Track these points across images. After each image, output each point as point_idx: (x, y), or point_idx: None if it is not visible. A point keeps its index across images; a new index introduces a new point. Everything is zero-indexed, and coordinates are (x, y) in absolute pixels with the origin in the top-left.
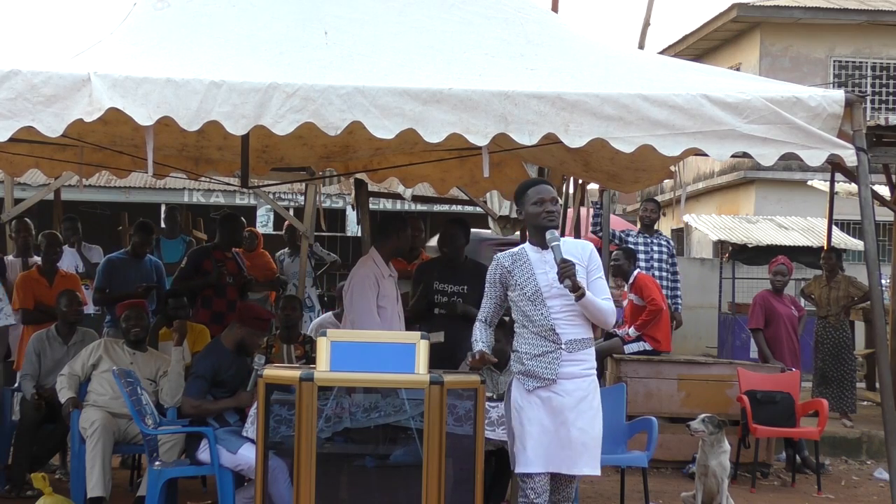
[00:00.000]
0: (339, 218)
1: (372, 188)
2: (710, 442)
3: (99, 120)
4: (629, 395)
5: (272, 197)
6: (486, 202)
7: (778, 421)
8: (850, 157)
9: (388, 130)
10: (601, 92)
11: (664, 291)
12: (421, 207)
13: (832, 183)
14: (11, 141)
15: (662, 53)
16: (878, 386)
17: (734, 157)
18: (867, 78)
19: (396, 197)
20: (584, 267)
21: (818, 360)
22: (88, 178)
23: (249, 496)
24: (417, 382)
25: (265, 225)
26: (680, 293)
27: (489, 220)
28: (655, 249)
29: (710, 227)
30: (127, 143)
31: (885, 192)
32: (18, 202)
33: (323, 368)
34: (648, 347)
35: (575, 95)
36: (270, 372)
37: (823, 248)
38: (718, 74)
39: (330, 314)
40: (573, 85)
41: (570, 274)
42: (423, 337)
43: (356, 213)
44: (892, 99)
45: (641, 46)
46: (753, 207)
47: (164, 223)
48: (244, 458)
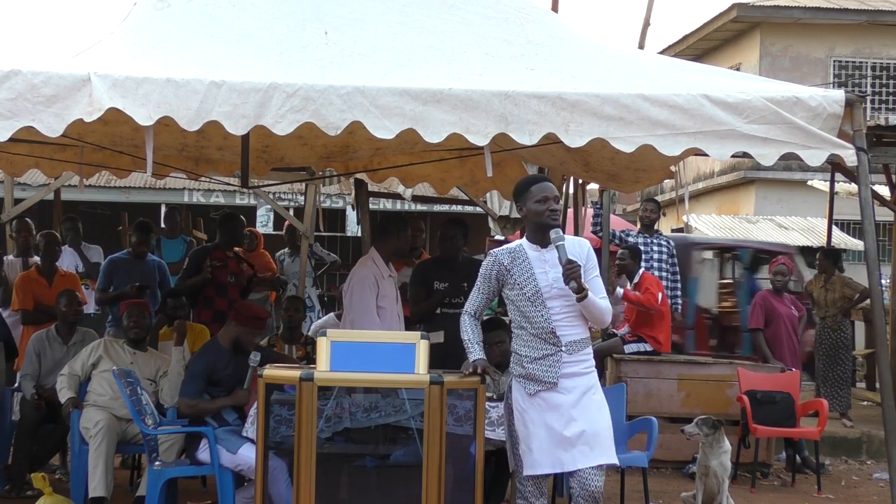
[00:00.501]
0: (339, 218)
1: (372, 188)
2: (709, 442)
3: (99, 120)
4: (629, 395)
5: (272, 197)
6: (486, 202)
7: (778, 421)
8: (850, 157)
9: (388, 130)
10: (601, 92)
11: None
12: (421, 207)
13: (832, 183)
14: (11, 141)
15: (662, 53)
16: (878, 386)
17: (734, 157)
18: (867, 78)
19: (396, 197)
20: (582, 265)
21: (816, 359)
22: (88, 178)
23: (249, 496)
24: (417, 382)
25: (265, 225)
26: (680, 293)
27: (489, 220)
28: (655, 249)
29: (710, 227)
30: (127, 143)
31: (885, 192)
32: (18, 202)
33: (323, 368)
34: (649, 348)
35: (575, 95)
36: (270, 372)
37: (824, 248)
38: (718, 74)
39: (332, 315)
40: (573, 85)
41: (576, 275)
42: (423, 337)
43: (356, 213)
44: (892, 99)
45: (641, 46)
46: (753, 207)
47: (164, 223)
48: (244, 458)
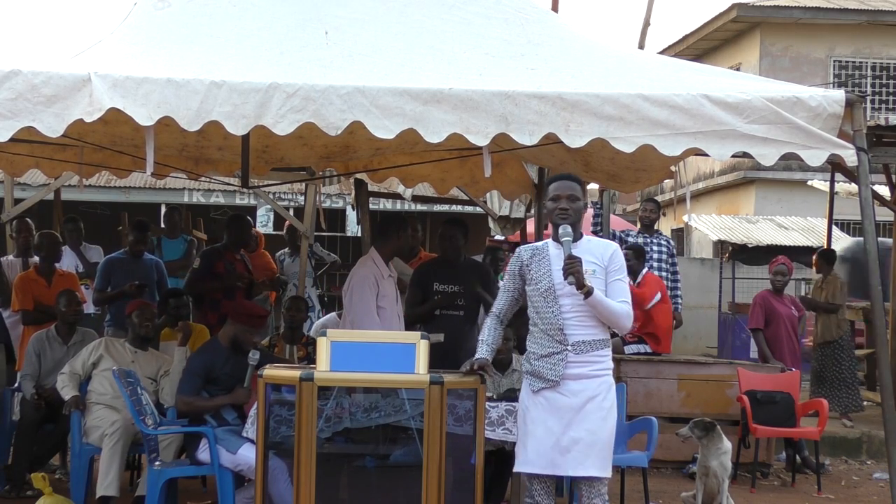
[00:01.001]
0: (339, 218)
1: (372, 188)
2: (705, 444)
3: (99, 120)
4: (629, 395)
5: (272, 197)
6: (486, 202)
7: (778, 421)
8: (850, 157)
9: (388, 130)
10: (601, 92)
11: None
12: (421, 207)
13: (832, 183)
14: (11, 141)
15: (662, 53)
16: (878, 386)
17: (734, 157)
18: (867, 78)
19: (396, 197)
20: (602, 267)
21: (813, 360)
22: (88, 178)
23: (249, 496)
24: (417, 382)
25: (265, 225)
26: (680, 293)
27: (489, 220)
28: (655, 249)
29: (710, 227)
30: (127, 143)
31: (885, 192)
32: (18, 202)
33: (323, 368)
34: (648, 349)
35: (575, 95)
36: (270, 372)
37: (821, 248)
38: (718, 74)
39: (334, 314)
40: (574, 85)
41: (573, 271)
42: (423, 337)
43: (356, 213)
44: (892, 99)
45: (641, 46)
46: (753, 207)
47: (164, 223)
48: (244, 458)
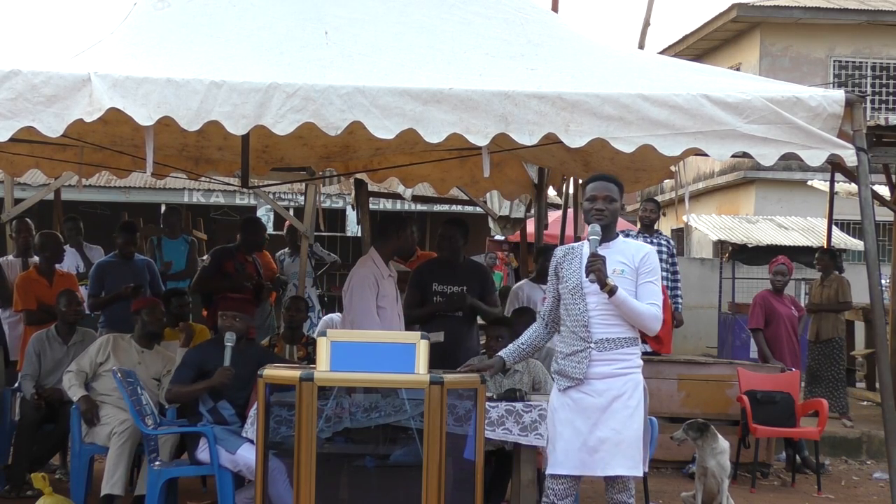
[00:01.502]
0: (339, 218)
1: (372, 188)
2: (700, 445)
3: (99, 120)
4: None
5: (272, 197)
6: (486, 202)
7: (778, 421)
8: (850, 157)
9: (388, 130)
10: (601, 92)
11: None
12: (421, 207)
13: (832, 183)
14: (11, 141)
15: (662, 53)
16: (878, 386)
17: (734, 157)
18: (867, 78)
19: (396, 197)
20: (633, 268)
21: (809, 360)
22: (88, 178)
23: (249, 496)
24: (417, 382)
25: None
26: (680, 293)
27: (489, 220)
28: (655, 250)
29: (710, 227)
30: (127, 143)
31: (885, 192)
32: (18, 202)
33: (323, 368)
34: (649, 349)
35: (575, 95)
36: (270, 372)
37: (823, 248)
38: (718, 74)
39: (337, 314)
40: (573, 85)
41: (594, 269)
42: (423, 337)
43: (356, 213)
44: (892, 99)
45: (641, 46)
46: (753, 207)
47: (163, 223)
48: (243, 458)
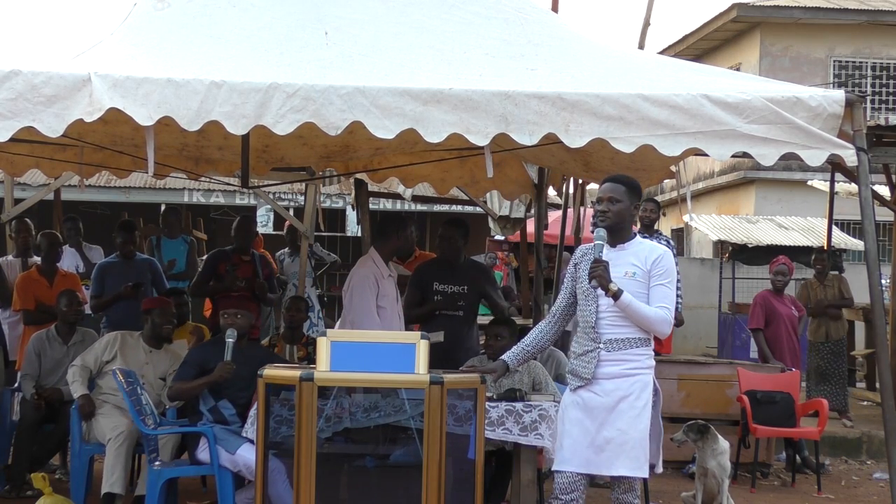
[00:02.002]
0: (339, 218)
1: (372, 188)
2: (700, 446)
3: (99, 120)
4: None
5: (272, 197)
6: (486, 202)
7: (778, 421)
8: (850, 157)
9: (388, 130)
10: (601, 92)
11: None
12: (421, 207)
13: (832, 183)
14: (12, 141)
15: (662, 53)
16: (878, 386)
17: (734, 157)
18: (867, 78)
19: (396, 197)
20: (645, 270)
21: (812, 359)
22: (88, 178)
23: (249, 496)
24: (417, 382)
25: (265, 225)
26: (680, 293)
27: (489, 220)
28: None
29: (710, 227)
30: (127, 143)
31: (885, 192)
32: (18, 202)
33: (323, 368)
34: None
35: (575, 95)
36: (270, 372)
37: (823, 248)
38: (718, 74)
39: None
40: (573, 85)
41: (596, 274)
42: (423, 337)
43: (356, 213)
44: (892, 99)
45: (641, 46)
46: (753, 207)
47: (163, 223)
48: (242, 458)
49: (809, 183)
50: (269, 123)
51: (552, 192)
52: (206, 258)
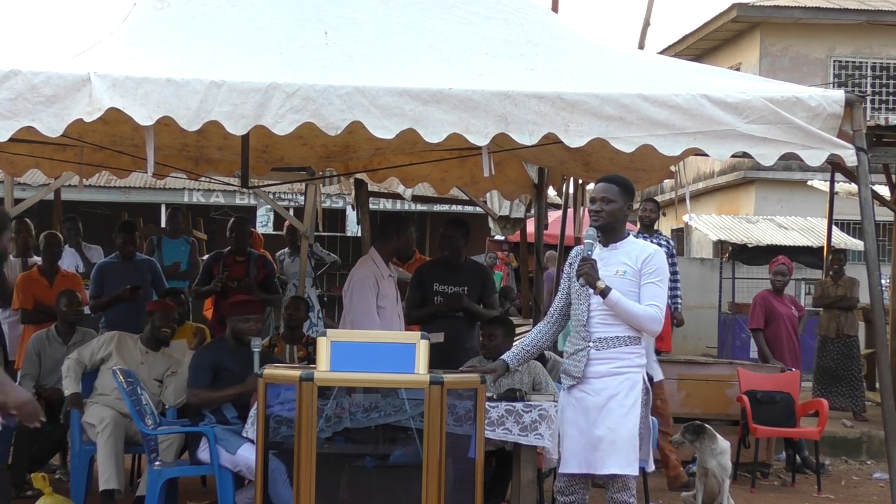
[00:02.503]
0: (339, 218)
1: (372, 188)
2: (699, 447)
3: (99, 120)
4: None
5: (272, 197)
6: (486, 202)
7: (778, 421)
8: (850, 157)
9: (388, 130)
10: (601, 92)
11: None
12: (421, 207)
13: (832, 183)
14: (11, 141)
15: (662, 53)
16: (878, 386)
17: (734, 157)
18: (867, 78)
19: (396, 197)
20: (636, 269)
21: (823, 359)
22: (88, 178)
23: (249, 496)
24: (417, 382)
25: (265, 225)
26: (680, 293)
27: (489, 220)
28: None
29: (710, 227)
30: (127, 143)
31: (885, 192)
32: (18, 202)
33: (323, 368)
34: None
35: (575, 95)
36: (270, 372)
37: (823, 248)
38: (718, 74)
39: None
40: (573, 85)
41: (582, 272)
42: (423, 337)
43: (356, 213)
44: (892, 99)
45: (641, 46)
46: (753, 207)
47: (165, 223)
48: (242, 458)
49: (809, 183)
50: (268, 123)
51: (552, 192)
52: (203, 261)
